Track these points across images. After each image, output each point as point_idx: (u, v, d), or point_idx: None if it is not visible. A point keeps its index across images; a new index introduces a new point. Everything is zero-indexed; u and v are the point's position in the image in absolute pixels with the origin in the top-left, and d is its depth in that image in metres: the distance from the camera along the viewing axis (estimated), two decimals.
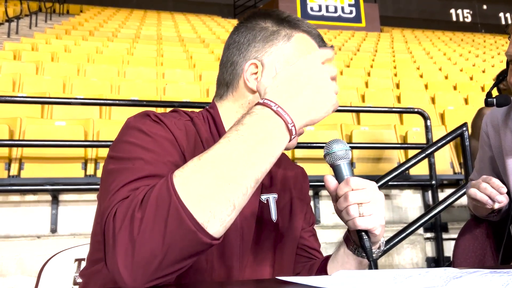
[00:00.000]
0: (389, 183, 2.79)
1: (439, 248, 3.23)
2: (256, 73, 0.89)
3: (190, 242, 0.59)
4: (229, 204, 0.60)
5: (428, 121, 3.61)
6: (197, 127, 0.87)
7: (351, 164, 0.90)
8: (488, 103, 1.34)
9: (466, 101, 6.12)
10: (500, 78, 1.41)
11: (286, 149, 0.92)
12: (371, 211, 0.78)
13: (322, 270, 0.94)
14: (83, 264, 1.17)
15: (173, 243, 0.58)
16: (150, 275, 0.60)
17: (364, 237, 0.79)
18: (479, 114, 3.47)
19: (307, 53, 0.90)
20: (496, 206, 1.22)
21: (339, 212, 0.82)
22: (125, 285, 0.60)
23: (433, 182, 3.44)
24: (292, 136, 0.66)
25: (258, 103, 0.67)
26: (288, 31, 0.90)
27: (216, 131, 0.90)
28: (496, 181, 1.23)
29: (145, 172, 0.71)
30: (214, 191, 0.59)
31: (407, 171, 3.26)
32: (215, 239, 0.60)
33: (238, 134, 0.63)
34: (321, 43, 0.94)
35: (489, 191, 1.22)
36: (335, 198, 0.83)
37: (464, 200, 3.06)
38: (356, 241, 0.85)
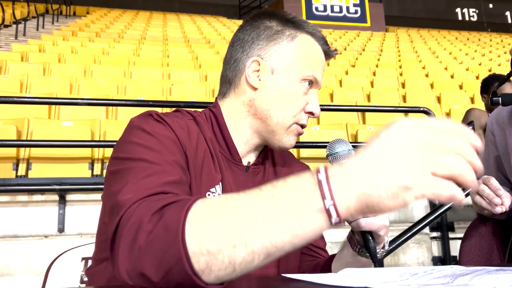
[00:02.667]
0: None
1: (445, 247, 3.22)
2: (258, 71, 0.89)
3: (184, 280, 0.56)
4: (229, 265, 0.54)
5: None
6: (200, 126, 0.88)
7: None
8: (493, 102, 1.33)
9: (472, 100, 6.09)
10: (505, 78, 1.39)
11: (283, 148, 0.92)
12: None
13: (326, 269, 0.94)
14: (90, 263, 1.19)
15: (168, 274, 0.56)
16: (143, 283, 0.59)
17: (369, 238, 0.79)
18: (469, 114, 3.45)
19: (310, 53, 0.90)
20: (498, 210, 1.21)
21: None
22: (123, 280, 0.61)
23: None
24: (333, 220, 0.52)
25: (318, 172, 0.53)
26: (292, 31, 0.90)
27: (219, 129, 0.91)
28: (495, 182, 1.22)
29: (149, 172, 0.71)
30: (219, 247, 0.53)
31: None
32: (212, 284, 0.56)
33: (271, 192, 0.54)
34: (325, 46, 0.93)
35: (486, 193, 1.22)
36: None
37: (470, 199, 3.05)
38: (360, 241, 0.85)
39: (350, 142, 0.88)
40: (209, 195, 0.84)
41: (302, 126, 0.91)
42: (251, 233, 0.52)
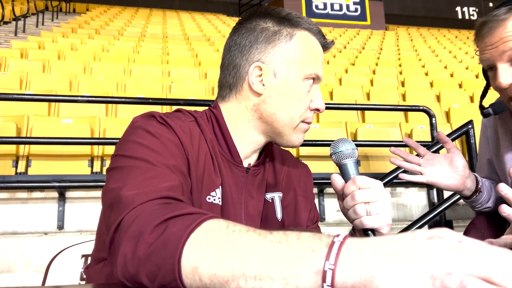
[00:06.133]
0: (394, 180, 2.79)
1: None
2: (260, 75, 0.88)
3: None
4: None
5: (433, 119, 3.60)
6: (201, 128, 0.88)
7: (357, 163, 0.90)
8: (485, 114, 1.31)
9: (471, 99, 6.10)
10: (484, 90, 1.36)
11: (293, 146, 0.94)
12: (378, 210, 0.78)
13: None
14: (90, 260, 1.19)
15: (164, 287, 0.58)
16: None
17: (371, 236, 0.79)
18: None
19: (309, 50, 0.89)
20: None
21: (345, 211, 0.82)
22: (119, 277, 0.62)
23: None
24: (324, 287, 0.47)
25: (337, 236, 0.50)
26: (289, 30, 0.89)
27: (220, 131, 0.90)
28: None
29: (152, 173, 0.71)
30: (211, 279, 0.53)
31: None
32: None
33: (280, 238, 0.52)
34: (322, 39, 0.93)
35: None
36: (342, 197, 0.83)
37: None
38: None
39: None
40: (209, 199, 0.84)
41: (308, 123, 0.92)
42: (246, 273, 0.50)
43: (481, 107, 1.32)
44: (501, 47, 1.11)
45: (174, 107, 0.96)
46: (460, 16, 19.23)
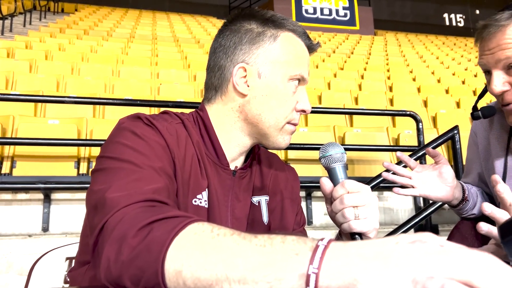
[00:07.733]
0: (381, 184, 2.81)
1: None
2: (245, 76, 0.88)
3: None
4: None
5: (420, 124, 3.64)
6: (188, 130, 0.87)
7: (346, 167, 0.91)
8: (474, 117, 1.33)
9: (458, 104, 6.17)
10: (482, 92, 1.39)
11: (279, 148, 0.94)
12: (367, 214, 0.78)
13: None
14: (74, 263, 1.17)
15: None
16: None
17: (358, 240, 0.80)
18: None
19: (294, 51, 0.89)
20: None
21: (333, 214, 0.82)
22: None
23: None
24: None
25: (321, 240, 0.50)
26: (273, 31, 0.89)
27: (206, 133, 0.90)
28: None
29: (137, 176, 0.71)
30: (195, 283, 0.53)
31: None
32: None
33: (265, 242, 0.52)
34: (307, 40, 0.93)
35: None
36: (330, 200, 0.83)
37: None
38: None
39: None
40: (195, 201, 0.84)
41: (294, 125, 0.92)
42: (230, 277, 0.50)
43: (474, 108, 1.34)
44: (497, 54, 1.11)
45: (163, 109, 0.96)
46: (447, 23, 19.48)
